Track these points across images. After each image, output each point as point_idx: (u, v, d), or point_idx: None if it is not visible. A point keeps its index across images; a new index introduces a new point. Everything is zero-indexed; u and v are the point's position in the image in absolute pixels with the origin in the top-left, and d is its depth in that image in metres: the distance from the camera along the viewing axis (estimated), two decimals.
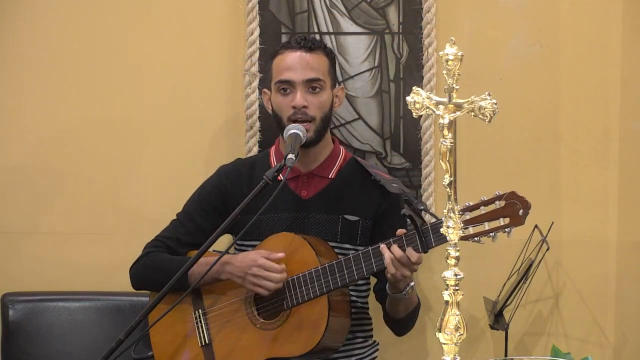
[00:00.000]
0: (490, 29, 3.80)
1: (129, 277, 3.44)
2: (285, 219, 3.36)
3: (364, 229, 3.38)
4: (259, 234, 3.35)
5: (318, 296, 3.20)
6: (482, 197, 3.06)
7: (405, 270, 3.12)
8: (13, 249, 3.91)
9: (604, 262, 3.83)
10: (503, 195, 3.05)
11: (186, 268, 3.14)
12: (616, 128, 3.80)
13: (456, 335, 2.30)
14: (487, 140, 3.81)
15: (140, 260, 3.42)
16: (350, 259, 3.19)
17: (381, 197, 3.39)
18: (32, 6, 3.86)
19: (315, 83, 3.33)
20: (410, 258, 3.10)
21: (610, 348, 3.85)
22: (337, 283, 3.19)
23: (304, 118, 3.30)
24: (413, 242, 3.11)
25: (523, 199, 3.05)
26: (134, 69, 3.87)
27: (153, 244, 3.44)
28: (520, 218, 3.03)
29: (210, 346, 3.31)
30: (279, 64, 3.36)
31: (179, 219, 3.47)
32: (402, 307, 3.30)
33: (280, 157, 3.40)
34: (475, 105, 2.27)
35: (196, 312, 3.34)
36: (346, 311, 3.31)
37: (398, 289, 3.20)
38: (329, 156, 3.42)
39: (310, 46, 3.35)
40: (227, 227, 3.17)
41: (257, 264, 3.22)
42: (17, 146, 3.91)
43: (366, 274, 3.21)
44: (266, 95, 3.45)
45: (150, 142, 3.88)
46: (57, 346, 3.72)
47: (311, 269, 3.21)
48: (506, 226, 3.04)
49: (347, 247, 3.37)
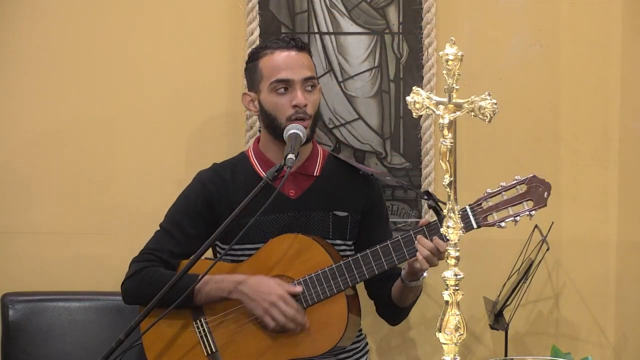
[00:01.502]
0: (490, 29, 3.80)
1: (122, 292, 3.34)
2: (276, 220, 3.34)
3: (352, 224, 3.38)
4: (248, 238, 3.29)
5: (335, 294, 3.19)
6: (501, 183, 3.12)
7: (436, 261, 3.14)
8: (13, 249, 3.91)
9: (604, 262, 3.83)
10: (525, 179, 3.15)
11: (184, 272, 3.09)
12: (616, 128, 3.80)
13: (456, 335, 2.30)
14: (487, 140, 3.81)
15: (135, 276, 3.31)
16: (368, 254, 3.19)
17: (368, 190, 3.41)
18: (30, 4, 3.86)
19: (311, 82, 3.32)
20: (439, 248, 3.11)
21: (610, 348, 3.85)
22: (356, 279, 3.20)
23: (304, 116, 3.29)
24: (437, 233, 3.14)
25: (544, 181, 3.14)
26: (133, 68, 3.87)
27: (144, 257, 3.34)
28: (544, 200, 3.13)
29: (217, 355, 3.27)
30: (270, 64, 3.32)
31: (165, 229, 3.37)
32: (412, 295, 3.31)
33: (262, 157, 3.38)
34: (475, 105, 2.27)
35: (197, 321, 3.28)
36: (358, 309, 3.32)
37: (417, 277, 3.22)
38: (310, 154, 3.40)
39: (301, 45, 3.34)
40: (222, 233, 3.13)
41: (278, 293, 3.18)
42: (17, 146, 3.91)
43: (387, 268, 3.21)
44: (248, 97, 3.38)
45: (151, 142, 3.88)
46: (57, 346, 3.72)
47: (325, 268, 3.20)
48: (531, 209, 3.13)
49: (338, 242, 3.37)
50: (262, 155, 3.39)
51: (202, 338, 3.28)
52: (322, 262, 3.21)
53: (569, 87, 3.80)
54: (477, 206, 3.14)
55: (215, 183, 3.38)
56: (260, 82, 3.33)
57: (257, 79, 3.34)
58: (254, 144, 3.46)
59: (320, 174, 3.39)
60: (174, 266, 3.33)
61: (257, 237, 3.31)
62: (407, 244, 3.18)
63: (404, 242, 3.18)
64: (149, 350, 3.30)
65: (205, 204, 3.36)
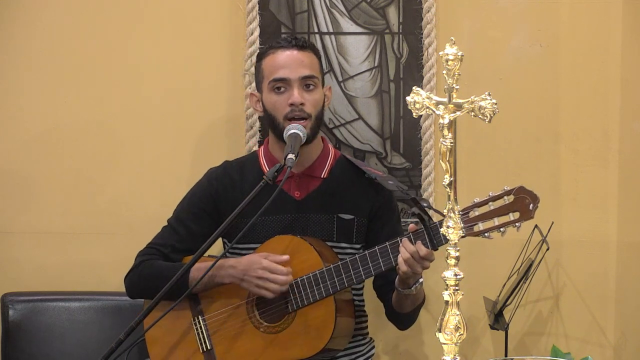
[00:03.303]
0: (490, 29, 3.80)
1: (125, 286, 3.40)
2: (280, 221, 3.35)
3: (359, 227, 3.38)
4: (252, 237, 3.32)
5: (324, 298, 3.20)
6: (489, 193, 3.09)
7: (418, 267, 3.12)
8: (13, 249, 3.91)
9: (604, 262, 3.83)
10: (512, 190, 3.09)
11: (185, 269, 3.12)
12: (616, 128, 3.80)
13: (456, 335, 2.30)
14: (487, 140, 3.81)
15: (135, 269, 3.38)
16: (357, 259, 3.19)
17: (375, 194, 3.40)
18: (31, 6, 3.86)
19: (310, 80, 3.32)
20: (420, 252, 3.10)
21: (610, 348, 3.85)
22: (344, 283, 3.19)
23: (302, 115, 3.29)
24: (422, 240, 3.12)
25: (532, 193, 3.09)
26: (133, 69, 3.87)
27: (147, 251, 3.40)
28: (531, 212, 3.08)
29: (212, 352, 3.29)
30: (271, 64, 3.34)
31: (170, 225, 3.43)
32: (409, 302, 3.30)
33: (271, 158, 3.39)
34: (475, 105, 2.27)
35: (195, 318, 3.31)
36: (351, 311, 3.32)
37: (408, 284, 3.20)
38: (319, 156, 3.41)
39: (302, 45, 3.34)
40: (223, 232, 3.16)
41: (261, 266, 3.20)
42: (16, 146, 3.91)
43: (374, 273, 3.21)
44: (254, 97, 3.42)
45: (151, 142, 3.88)
46: (57, 346, 3.72)
47: (315, 271, 3.20)
48: (516, 221, 3.08)
49: (343, 245, 3.37)
50: (270, 155, 3.41)
51: (199, 335, 3.30)
52: (313, 265, 3.22)
53: (569, 87, 3.80)
54: (464, 215, 3.09)
55: (223, 181, 3.41)
56: (262, 82, 3.36)
57: (260, 79, 3.37)
58: (265, 143, 3.47)
59: (328, 177, 3.39)
60: (174, 261, 3.36)
61: (261, 236, 3.33)
62: (394, 250, 3.16)
63: (391, 249, 3.17)
64: (150, 345, 3.34)
65: (211, 201, 3.40)
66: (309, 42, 3.39)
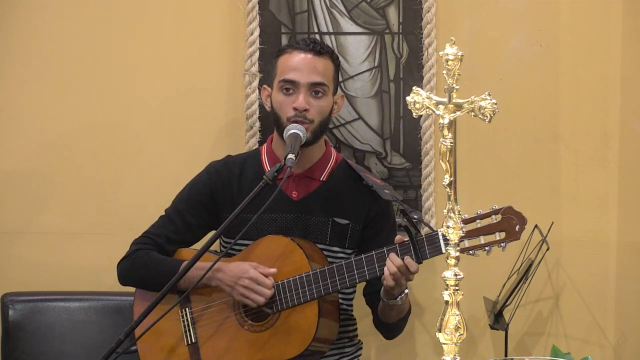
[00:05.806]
0: (490, 29, 3.80)
1: (117, 273, 3.43)
2: (275, 220, 3.35)
3: (353, 233, 3.38)
4: (248, 234, 3.29)
5: (308, 301, 3.20)
6: (478, 211, 3.10)
7: (403, 280, 3.13)
8: (13, 249, 3.91)
9: (604, 262, 3.83)
10: (500, 209, 3.10)
11: (186, 269, 3.13)
12: (616, 128, 3.80)
13: (456, 335, 2.30)
14: (487, 140, 3.81)
15: (129, 257, 3.40)
16: (343, 265, 3.19)
17: (372, 201, 3.38)
18: (30, 6, 3.86)
19: (319, 87, 3.32)
20: (410, 268, 3.11)
21: (610, 348, 3.85)
22: (329, 289, 3.19)
23: (304, 121, 3.29)
24: (408, 252, 3.12)
25: (520, 214, 3.09)
26: (133, 69, 3.87)
27: (141, 240, 3.42)
28: (517, 233, 3.10)
29: (197, 345, 3.30)
30: (285, 63, 3.34)
31: (167, 215, 3.44)
32: (395, 313, 3.30)
33: (272, 156, 3.40)
34: (475, 105, 2.28)
35: (183, 310, 3.33)
36: (335, 316, 3.32)
37: (392, 295, 3.20)
38: (321, 158, 3.41)
39: (320, 50, 3.33)
40: (223, 232, 3.17)
41: (249, 276, 3.21)
42: (16, 146, 3.91)
43: (358, 281, 3.22)
44: (266, 91, 3.43)
45: (150, 142, 3.88)
46: (57, 346, 3.72)
47: (302, 274, 3.21)
48: (502, 241, 3.09)
49: (335, 249, 3.37)
50: (272, 153, 3.42)
51: (185, 327, 3.31)
52: (300, 268, 3.22)
53: (569, 87, 3.80)
54: None
55: (222, 175, 3.42)
56: (274, 78, 3.37)
57: (273, 75, 3.39)
58: (268, 140, 3.47)
59: (327, 180, 3.39)
60: (168, 252, 3.39)
61: (254, 233, 3.33)
62: (380, 259, 3.16)
63: (377, 258, 3.17)
64: (137, 330, 3.32)
65: (209, 194, 3.40)
66: (327, 48, 3.37)
